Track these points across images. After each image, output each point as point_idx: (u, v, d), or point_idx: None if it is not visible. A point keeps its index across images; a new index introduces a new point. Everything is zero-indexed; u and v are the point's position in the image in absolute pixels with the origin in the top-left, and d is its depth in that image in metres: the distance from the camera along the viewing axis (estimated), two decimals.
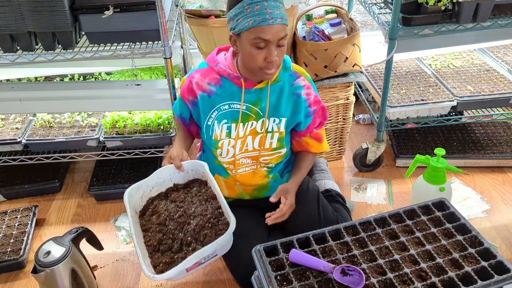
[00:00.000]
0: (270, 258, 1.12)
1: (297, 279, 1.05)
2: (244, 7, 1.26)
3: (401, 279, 1.06)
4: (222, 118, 1.47)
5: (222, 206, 1.31)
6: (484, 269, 1.05)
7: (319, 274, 1.06)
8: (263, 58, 1.30)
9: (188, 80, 1.51)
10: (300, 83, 1.50)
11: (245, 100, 1.46)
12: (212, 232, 1.25)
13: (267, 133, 1.51)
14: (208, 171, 1.43)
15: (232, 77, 1.43)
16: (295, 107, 1.51)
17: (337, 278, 1.05)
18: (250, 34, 1.27)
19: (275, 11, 1.26)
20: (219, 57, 1.48)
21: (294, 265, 1.09)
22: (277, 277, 1.06)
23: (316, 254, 1.12)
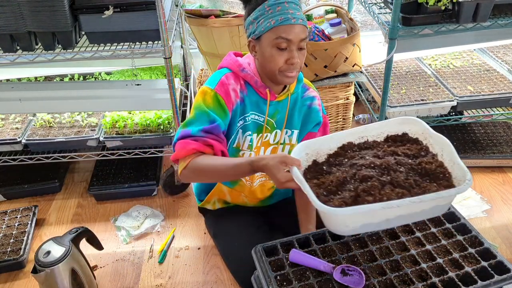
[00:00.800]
0: (270, 258, 1.11)
1: (297, 279, 1.05)
2: (265, 9, 1.25)
3: (402, 279, 1.06)
4: (246, 129, 1.42)
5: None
6: (484, 269, 1.04)
7: (319, 274, 1.06)
8: (285, 60, 1.28)
9: (225, 87, 1.33)
10: (310, 94, 1.50)
11: (268, 111, 1.42)
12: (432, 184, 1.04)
13: (280, 144, 1.49)
14: None
15: (259, 85, 1.37)
16: (305, 118, 1.50)
17: (337, 278, 1.05)
18: (271, 34, 1.25)
19: (296, 12, 1.26)
20: (242, 62, 1.39)
21: (294, 265, 1.09)
22: (277, 277, 1.05)
23: (316, 254, 1.12)
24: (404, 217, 0.98)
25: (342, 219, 0.96)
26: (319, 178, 1.10)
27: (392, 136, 1.21)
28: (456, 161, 1.04)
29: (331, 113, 2.28)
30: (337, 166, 1.13)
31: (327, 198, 1.02)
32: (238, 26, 2.02)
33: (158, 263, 1.90)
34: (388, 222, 0.98)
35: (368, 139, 1.21)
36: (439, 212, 1.04)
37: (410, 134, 1.20)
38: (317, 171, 1.13)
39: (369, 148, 1.18)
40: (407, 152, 1.13)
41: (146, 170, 2.32)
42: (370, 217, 0.97)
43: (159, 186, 2.29)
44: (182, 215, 2.15)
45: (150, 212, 2.15)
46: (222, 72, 1.38)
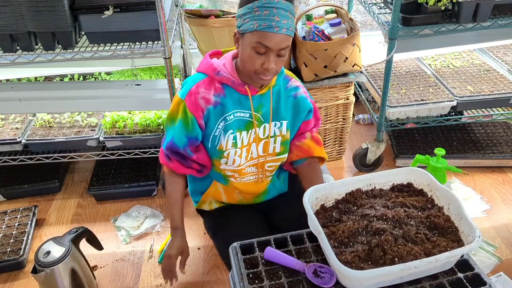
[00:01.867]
0: (245, 256, 1.12)
1: (268, 278, 1.05)
2: (253, 8, 1.24)
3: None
4: (228, 129, 1.43)
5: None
6: (460, 281, 1.02)
7: (291, 274, 1.07)
8: (261, 64, 1.29)
9: (193, 97, 1.39)
10: (294, 84, 1.50)
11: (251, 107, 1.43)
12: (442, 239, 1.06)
13: (270, 138, 1.49)
14: None
15: (237, 84, 1.38)
16: (295, 108, 1.50)
17: (309, 276, 1.06)
18: (252, 37, 1.25)
19: (282, 21, 1.24)
20: (216, 64, 1.41)
21: (269, 264, 1.09)
22: (249, 275, 1.06)
23: (291, 254, 1.12)
24: (417, 273, 1.01)
25: (359, 279, 0.98)
26: (328, 226, 1.11)
27: (397, 186, 1.24)
28: (464, 216, 1.06)
29: (331, 113, 2.28)
30: (347, 214, 1.15)
31: (338, 250, 1.03)
32: None
33: (158, 263, 1.90)
34: (401, 278, 1.01)
35: (376, 186, 1.24)
36: (448, 266, 1.05)
37: (414, 185, 1.23)
38: (326, 217, 1.15)
39: (377, 196, 1.20)
40: (415, 204, 1.16)
41: (146, 170, 2.32)
42: (386, 277, 0.99)
43: (159, 186, 2.29)
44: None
45: (150, 212, 2.15)
46: (196, 80, 1.41)
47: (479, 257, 1.84)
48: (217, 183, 1.59)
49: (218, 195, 1.61)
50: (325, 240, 1.02)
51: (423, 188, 1.21)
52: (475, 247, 0.99)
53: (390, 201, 1.17)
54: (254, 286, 1.03)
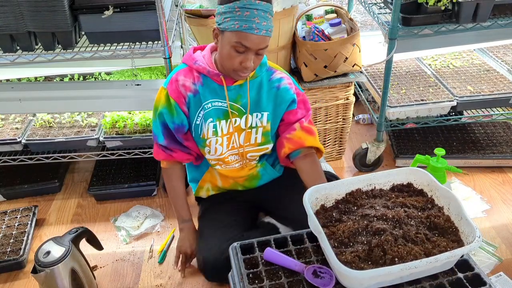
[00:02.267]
0: (245, 256, 1.12)
1: (268, 278, 1.06)
2: (234, 8, 1.27)
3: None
4: (208, 117, 1.48)
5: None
6: (459, 281, 1.02)
7: (291, 274, 1.07)
8: (239, 62, 1.33)
9: (174, 85, 1.47)
10: (277, 76, 1.53)
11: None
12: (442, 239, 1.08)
13: (251, 128, 1.52)
14: None
15: (212, 74, 1.44)
16: (277, 99, 1.52)
17: (308, 278, 1.05)
18: (232, 36, 1.29)
19: (262, 22, 1.27)
20: (196, 55, 1.47)
21: (269, 264, 1.09)
22: (249, 275, 1.07)
23: (291, 255, 1.12)
24: (417, 273, 1.01)
25: (359, 280, 0.98)
26: (328, 226, 1.11)
27: (397, 186, 1.25)
28: (464, 216, 1.06)
29: (331, 113, 2.28)
30: (347, 214, 1.15)
31: (338, 250, 1.03)
32: None
33: (158, 263, 1.90)
34: (401, 278, 1.01)
35: (376, 186, 1.24)
36: (448, 266, 1.05)
37: (415, 185, 1.23)
38: (326, 217, 1.15)
39: (377, 196, 1.20)
40: (415, 204, 1.16)
41: (146, 170, 2.32)
42: (386, 277, 0.98)
43: (159, 186, 2.29)
44: None
45: (150, 212, 2.15)
46: (176, 69, 1.49)
47: (479, 257, 1.84)
48: (212, 169, 1.63)
49: (214, 180, 1.66)
50: (325, 240, 1.02)
51: (423, 188, 1.21)
52: (475, 247, 0.99)
53: (390, 201, 1.17)
54: (254, 286, 1.03)
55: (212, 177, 1.66)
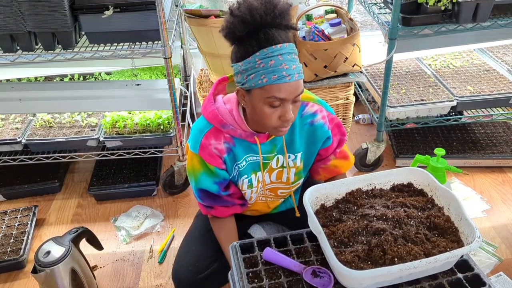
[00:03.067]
0: (245, 255, 1.12)
1: (268, 277, 1.05)
2: (255, 61, 1.11)
3: None
4: (242, 174, 1.37)
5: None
6: (459, 281, 1.02)
7: (290, 274, 1.06)
8: (278, 117, 1.17)
9: (207, 150, 1.31)
10: (310, 111, 1.36)
11: (262, 152, 1.35)
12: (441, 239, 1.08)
13: (283, 168, 1.41)
14: None
15: (245, 136, 1.29)
16: (310, 137, 1.39)
17: (307, 279, 1.04)
18: (263, 92, 1.13)
19: (292, 66, 1.12)
20: (222, 111, 1.28)
21: (268, 263, 1.09)
22: (249, 274, 1.06)
23: (290, 254, 1.12)
24: (416, 273, 1.01)
25: (359, 279, 0.98)
26: (328, 226, 1.11)
27: (398, 185, 1.24)
28: (464, 217, 1.06)
29: None
30: (347, 214, 1.14)
31: (338, 250, 1.03)
32: None
33: (158, 263, 1.90)
34: (400, 278, 1.01)
35: (376, 186, 1.23)
36: (448, 267, 1.05)
37: (415, 185, 1.23)
38: (326, 217, 1.14)
39: (377, 196, 1.20)
40: (415, 204, 1.15)
41: (146, 170, 2.32)
42: (385, 277, 0.98)
43: (159, 186, 2.29)
44: (182, 215, 2.15)
45: (150, 212, 2.15)
46: (203, 131, 1.31)
47: (479, 257, 1.85)
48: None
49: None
50: (325, 240, 1.02)
51: (424, 188, 1.21)
52: (475, 248, 0.99)
53: (390, 201, 1.17)
54: (254, 285, 1.03)
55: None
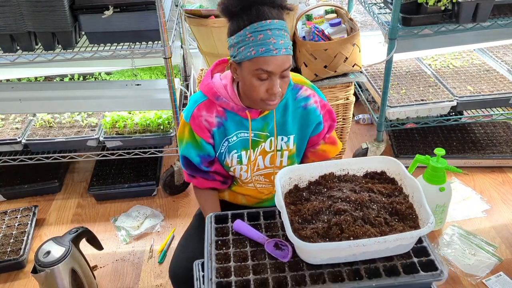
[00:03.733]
0: (218, 225, 1.20)
1: (234, 246, 1.13)
2: (246, 35, 1.18)
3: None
4: (232, 149, 1.41)
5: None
6: (413, 265, 1.07)
7: (256, 245, 1.13)
8: (265, 90, 1.23)
9: (197, 120, 1.37)
10: (303, 94, 1.43)
11: (252, 128, 1.39)
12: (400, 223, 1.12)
13: (277, 151, 1.45)
14: None
15: (237, 109, 1.35)
16: (303, 120, 1.44)
17: (269, 250, 1.12)
18: (251, 64, 1.19)
19: (279, 41, 1.18)
20: (217, 85, 1.36)
21: (238, 234, 1.16)
22: (218, 242, 1.14)
23: (260, 228, 1.19)
24: (370, 253, 1.06)
25: (311, 252, 1.04)
26: (296, 204, 1.18)
27: (371, 173, 1.28)
28: (423, 205, 1.12)
29: None
30: (316, 195, 1.21)
31: (301, 226, 1.09)
32: None
33: (158, 263, 1.90)
34: (354, 256, 1.06)
35: (349, 172, 1.28)
36: (404, 250, 1.09)
37: (388, 173, 1.27)
38: (297, 196, 1.21)
39: (348, 181, 1.25)
40: (382, 190, 1.21)
41: (146, 170, 2.32)
42: (337, 253, 1.04)
43: (159, 186, 2.29)
44: (182, 215, 2.16)
45: (150, 212, 2.15)
46: (197, 101, 1.38)
47: (479, 257, 1.85)
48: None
49: (222, 194, 1.62)
50: (285, 214, 1.08)
51: (395, 177, 1.25)
52: (426, 232, 1.03)
53: (358, 186, 1.22)
54: (220, 251, 1.12)
55: (220, 192, 1.59)
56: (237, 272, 1.05)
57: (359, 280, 1.02)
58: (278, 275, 1.04)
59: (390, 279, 1.01)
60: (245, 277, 1.04)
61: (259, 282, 1.03)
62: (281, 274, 1.04)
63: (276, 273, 1.05)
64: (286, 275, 1.04)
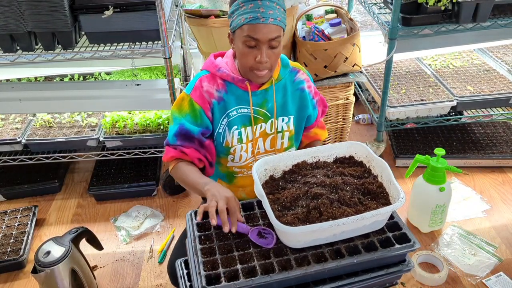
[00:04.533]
0: (199, 221, 1.22)
1: (218, 240, 1.16)
2: (239, 4, 1.27)
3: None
4: (232, 125, 1.44)
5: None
6: (388, 239, 1.14)
7: (239, 236, 1.17)
8: (253, 58, 1.30)
9: (198, 91, 1.40)
10: (300, 77, 1.50)
11: (252, 103, 1.44)
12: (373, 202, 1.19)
13: (278, 133, 1.49)
14: None
15: (237, 80, 1.40)
16: (301, 102, 1.50)
17: (253, 238, 1.15)
18: (241, 32, 1.27)
19: (268, 11, 1.25)
20: (219, 61, 1.43)
21: (220, 228, 1.18)
22: (201, 237, 1.17)
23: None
24: (348, 232, 1.13)
25: (295, 236, 1.09)
26: (274, 193, 1.22)
27: (340, 158, 1.36)
28: (392, 182, 1.20)
29: (331, 114, 2.28)
30: (292, 183, 1.26)
31: (281, 213, 1.14)
32: None
33: (158, 263, 1.90)
34: (334, 236, 1.12)
35: (320, 159, 1.35)
36: (379, 226, 1.17)
37: (355, 157, 1.35)
38: (273, 186, 1.26)
39: (320, 167, 1.31)
40: (353, 173, 1.28)
41: (146, 170, 2.32)
42: (319, 234, 1.09)
43: (159, 186, 2.29)
44: (182, 215, 2.16)
45: (150, 212, 2.15)
46: (198, 76, 1.44)
47: (479, 257, 1.85)
48: (222, 181, 1.59)
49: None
50: (266, 203, 1.12)
51: (363, 160, 1.33)
52: (398, 206, 1.11)
53: (330, 171, 1.28)
54: (205, 245, 1.14)
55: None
56: (224, 264, 1.09)
57: (341, 258, 1.09)
58: (265, 262, 1.08)
59: (369, 254, 1.09)
60: (232, 268, 1.07)
61: (247, 271, 1.06)
62: (267, 261, 1.09)
63: (262, 261, 1.09)
64: (272, 261, 1.08)
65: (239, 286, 1.02)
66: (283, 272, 1.05)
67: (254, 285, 1.03)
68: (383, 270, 1.13)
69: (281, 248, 1.13)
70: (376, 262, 1.12)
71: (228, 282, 1.03)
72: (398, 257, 1.14)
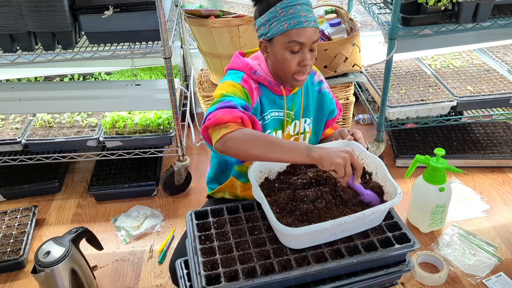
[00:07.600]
0: (199, 221, 1.23)
1: (218, 240, 1.16)
2: (277, 11, 1.26)
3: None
4: (266, 128, 1.44)
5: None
6: (388, 239, 1.15)
7: (239, 236, 1.17)
8: (297, 63, 1.30)
9: (247, 86, 1.33)
10: (317, 79, 1.51)
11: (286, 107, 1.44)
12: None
13: (300, 134, 1.50)
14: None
15: (273, 84, 1.39)
16: (318, 104, 1.52)
17: (367, 197, 1.17)
18: (284, 38, 1.27)
19: (309, 14, 1.27)
20: (252, 63, 1.40)
21: (220, 227, 1.20)
22: (201, 237, 1.18)
23: (241, 220, 1.24)
24: (348, 230, 1.14)
25: (298, 237, 1.09)
26: (271, 195, 1.23)
27: None
28: (388, 178, 1.21)
29: None
30: (288, 184, 1.27)
31: (280, 215, 1.15)
32: (238, 26, 2.02)
33: (158, 263, 1.90)
34: (335, 235, 1.13)
35: None
36: (377, 222, 1.18)
37: None
38: (269, 188, 1.27)
39: (315, 166, 1.29)
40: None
41: (146, 170, 2.32)
42: (320, 234, 1.10)
43: (159, 186, 2.29)
44: (182, 215, 2.16)
45: (150, 212, 2.15)
46: (240, 74, 1.37)
47: (479, 257, 1.85)
48: (235, 179, 1.58)
49: (234, 189, 1.62)
50: (266, 205, 1.13)
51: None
52: (397, 202, 1.12)
53: (326, 172, 1.29)
54: (205, 246, 1.14)
55: (232, 186, 1.59)
56: (224, 264, 1.09)
57: (341, 258, 1.09)
58: (265, 262, 1.09)
59: (369, 254, 1.09)
60: (232, 268, 1.08)
61: (247, 271, 1.08)
62: (267, 261, 1.09)
63: (262, 261, 1.09)
64: (272, 261, 1.08)
65: (239, 286, 1.02)
66: (283, 272, 1.05)
67: (254, 285, 1.03)
68: (383, 270, 1.13)
69: (281, 249, 1.13)
70: (376, 262, 1.13)
71: (228, 282, 1.03)
72: (398, 257, 1.15)
